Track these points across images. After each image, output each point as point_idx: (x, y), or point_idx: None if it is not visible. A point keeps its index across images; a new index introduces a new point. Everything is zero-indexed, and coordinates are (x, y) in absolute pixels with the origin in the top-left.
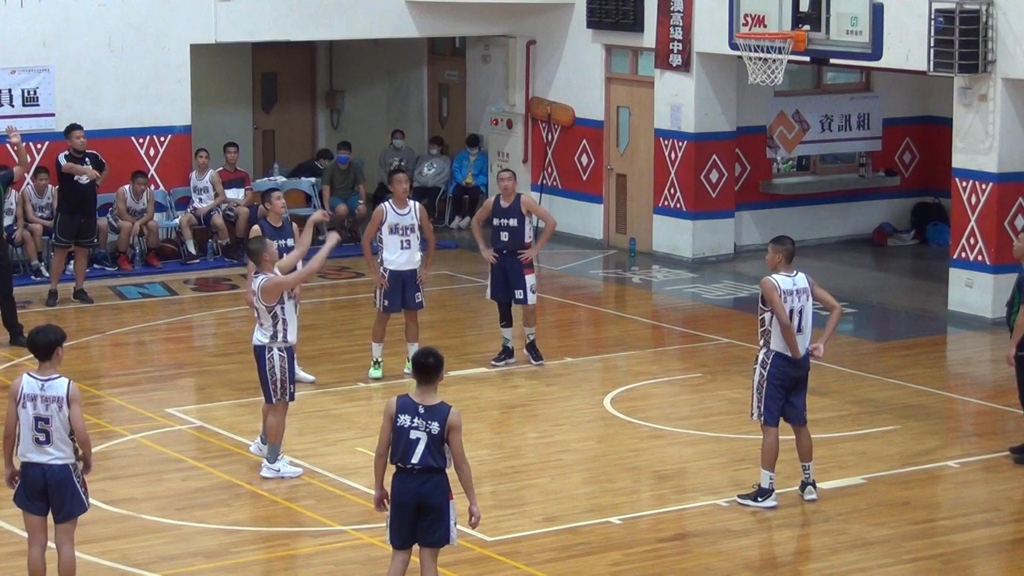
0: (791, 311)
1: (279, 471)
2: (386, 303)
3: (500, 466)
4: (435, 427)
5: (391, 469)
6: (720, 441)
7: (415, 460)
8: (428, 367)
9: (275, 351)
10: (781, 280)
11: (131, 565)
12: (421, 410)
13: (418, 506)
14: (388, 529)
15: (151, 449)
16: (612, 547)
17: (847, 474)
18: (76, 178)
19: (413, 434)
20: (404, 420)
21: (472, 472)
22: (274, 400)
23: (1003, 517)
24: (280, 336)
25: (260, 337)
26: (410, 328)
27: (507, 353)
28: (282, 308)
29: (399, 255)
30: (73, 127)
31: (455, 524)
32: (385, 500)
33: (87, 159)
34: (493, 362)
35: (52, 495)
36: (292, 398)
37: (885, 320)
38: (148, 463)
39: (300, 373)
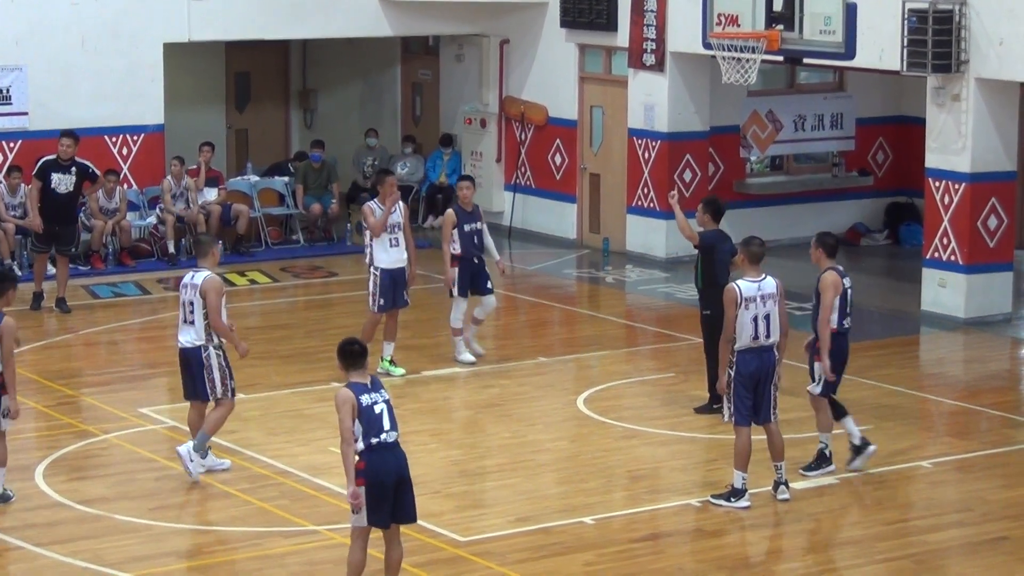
0: (756, 317)
1: (207, 464)
2: (382, 302)
3: (473, 466)
4: (385, 394)
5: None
6: (693, 441)
7: (388, 428)
8: (356, 352)
9: (211, 349)
10: (745, 286)
11: (104, 565)
12: (370, 385)
13: (399, 481)
14: (367, 511)
15: (124, 449)
16: (585, 547)
17: (820, 474)
18: (53, 186)
19: (377, 408)
20: (366, 399)
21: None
22: (216, 398)
23: (976, 517)
24: (215, 336)
25: (194, 338)
26: (390, 326)
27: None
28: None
29: (388, 253)
30: (63, 133)
31: None
32: (359, 493)
33: (73, 168)
34: (805, 471)
35: None
36: (234, 394)
37: (858, 320)
38: (121, 463)
39: (476, 347)
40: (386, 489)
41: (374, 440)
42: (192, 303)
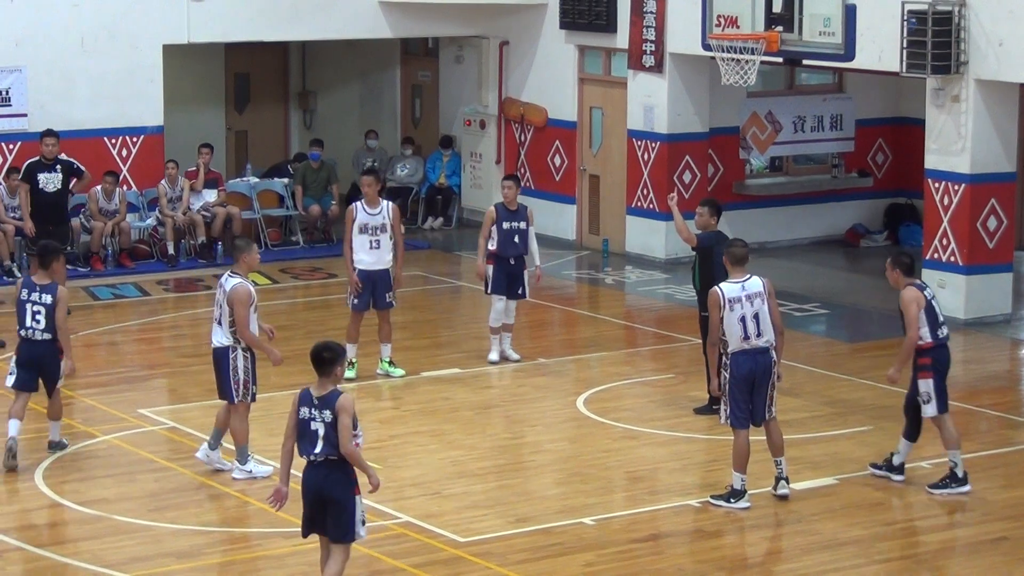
0: (743, 317)
1: (251, 472)
2: (355, 301)
3: (473, 467)
4: (327, 415)
5: (302, 463)
6: (693, 442)
7: (317, 450)
8: (323, 360)
9: (239, 351)
10: (728, 288)
11: (104, 566)
12: (316, 401)
13: (321, 499)
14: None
15: (123, 450)
16: (585, 548)
17: (820, 474)
18: (40, 186)
19: (313, 425)
20: (304, 412)
21: (360, 453)
22: (236, 400)
23: (975, 518)
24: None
25: (222, 339)
26: (383, 328)
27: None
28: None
29: (367, 255)
30: (44, 133)
31: (361, 521)
32: (283, 494)
33: (58, 166)
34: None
35: None
36: (254, 399)
37: (858, 321)
38: (120, 464)
39: (510, 352)
40: (307, 501)
41: (304, 456)
42: (222, 305)
